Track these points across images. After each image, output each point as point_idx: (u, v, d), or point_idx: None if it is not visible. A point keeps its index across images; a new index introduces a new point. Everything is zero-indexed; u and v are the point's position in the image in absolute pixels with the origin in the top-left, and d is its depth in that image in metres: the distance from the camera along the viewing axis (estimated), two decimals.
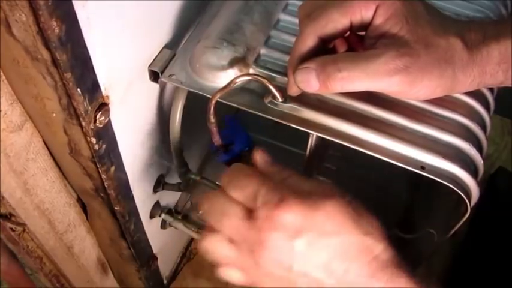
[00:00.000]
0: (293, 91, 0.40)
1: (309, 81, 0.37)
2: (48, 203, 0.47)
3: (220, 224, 0.37)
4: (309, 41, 0.38)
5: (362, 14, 0.37)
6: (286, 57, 0.45)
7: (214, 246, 0.38)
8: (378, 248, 0.35)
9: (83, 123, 0.38)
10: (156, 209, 0.63)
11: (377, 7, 0.37)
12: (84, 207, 0.55)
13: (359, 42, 0.41)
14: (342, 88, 0.37)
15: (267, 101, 0.42)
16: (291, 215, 0.34)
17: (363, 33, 0.39)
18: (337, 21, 0.37)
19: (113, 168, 0.45)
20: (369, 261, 0.35)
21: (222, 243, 0.37)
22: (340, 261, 0.35)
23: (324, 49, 0.39)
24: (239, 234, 0.36)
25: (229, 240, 0.37)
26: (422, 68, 0.36)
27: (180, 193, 0.68)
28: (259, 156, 0.40)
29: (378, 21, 0.37)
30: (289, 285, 0.36)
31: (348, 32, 0.39)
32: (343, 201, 0.35)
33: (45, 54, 0.32)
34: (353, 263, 0.35)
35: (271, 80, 0.42)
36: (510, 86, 0.39)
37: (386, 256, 0.35)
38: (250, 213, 0.36)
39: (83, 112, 0.37)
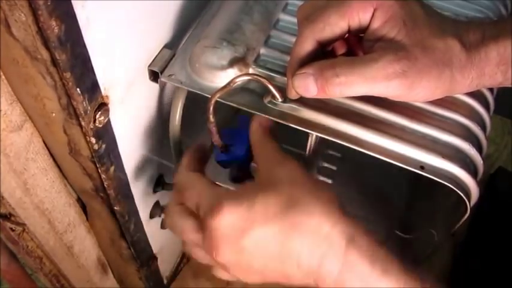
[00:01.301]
0: (292, 95, 0.40)
1: (306, 86, 0.37)
2: (48, 203, 0.47)
3: (182, 238, 0.40)
4: (307, 45, 0.38)
5: (360, 17, 0.37)
6: (286, 57, 0.45)
7: (191, 252, 0.40)
8: (325, 227, 0.35)
9: (83, 123, 0.38)
10: (156, 209, 0.63)
11: (375, 10, 0.37)
12: (84, 207, 0.55)
13: (358, 43, 0.41)
14: (340, 93, 0.37)
15: (266, 100, 0.42)
16: (229, 218, 0.35)
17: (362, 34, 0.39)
18: (335, 25, 0.37)
19: (112, 168, 0.45)
20: (319, 242, 0.35)
21: (193, 249, 0.40)
22: (291, 246, 0.35)
23: (323, 51, 0.39)
24: (198, 244, 0.38)
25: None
26: (420, 71, 0.36)
27: None
28: (256, 126, 0.41)
29: (376, 24, 0.37)
30: (263, 278, 0.37)
31: (347, 34, 0.39)
32: (289, 182, 0.36)
33: (45, 54, 0.32)
34: (303, 246, 0.35)
35: (270, 79, 0.42)
36: (509, 86, 0.39)
37: (337, 232, 0.35)
38: (201, 223, 0.37)
39: (82, 112, 0.37)
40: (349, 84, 0.36)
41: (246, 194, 0.36)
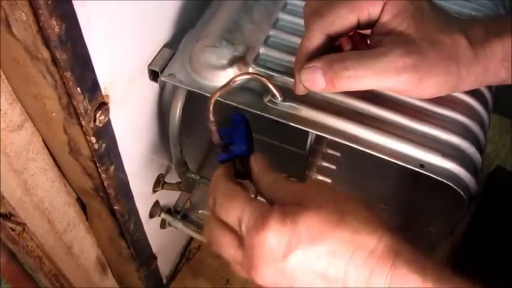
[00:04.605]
0: (300, 90, 0.40)
1: (314, 80, 0.37)
2: (47, 203, 0.47)
3: (220, 252, 0.38)
4: (316, 38, 0.38)
5: (369, 10, 0.37)
6: (286, 57, 0.45)
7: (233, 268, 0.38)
8: (371, 242, 0.33)
9: (83, 123, 0.38)
10: (156, 209, 0.63)
11: (384, 4, 0.37)
12: (83, 207, 0.55)
13: (363, 41, 0.41)
14: (349, 86, 0.37)
15: (266, 100, 0.42)
16: (274, 236, 0.33)
17: (366, 32, 0.40)
18: (344, 18, 0.37)
19: (112, 168, 0.45)
20: (366, 259, 0.33)
21: (234, 265, 0.38)
22: (337, 265, 0.33)
23: (331, 47, 0.39)
24: (236, 261, 0.36)
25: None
26: (429, 65, 0.36)
27: (179, 192, 0.68)
28: (255, 164, 0.39)
29: (385, 18, 0.37)
30: None
31: (352, 32, 0.39)
32: (328, 201, 0.34)
33: (45, 53, 0.32)
34: (350, 264, 0.33)
35: (270, 79, 0.42)
36: (510, 84, 0.39)
37: (383, 246, 0.33)
38: (242, 239, 0.35)
39: (82, 111, 0.37)
40: (359, 78, 0.36)
41: (289, 212, 0.34)
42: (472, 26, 0.38)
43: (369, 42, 0.40)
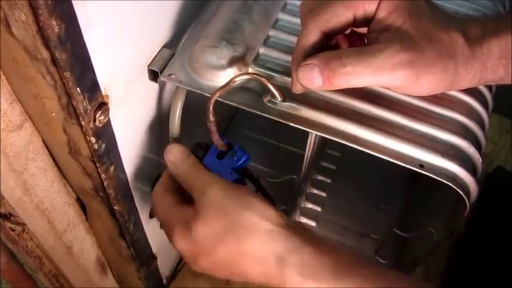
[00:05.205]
0: (297, 89, 0.40)
1: (311, 78, 0.37)
2: (47, 203, 0.47)
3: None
4: (313, 36, 0.38)
5: (365, 7, 0.37)
6: (285, 57, 0.45)
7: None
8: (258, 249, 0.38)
9: (83, 123, 0.38)
10: None
11: (380, 1, 0.37)
12: (83, 207, 0.55)
13: (360, 40, 0.41)
14: (346, 83, 0.37)
15: (266, 100, 0.42)
16: (181, 247, 0.42)
17: (363, 30, 0.40)
18: (341, 15, 0.38)
19: (112, 168, 0.45)
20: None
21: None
22: (232, 270, 0.40)
23: (327, 46, 0.39)
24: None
25: None
26: (426, 62, 0.36)
27: None
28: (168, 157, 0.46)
29: (381, 14, 0.37)
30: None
31: (349, 30, 0.39)
32: (221, 211, 0.40)
33: (45, 54, 0.32)
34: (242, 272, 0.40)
35: (270, 79, 0.42)
36: (510, 82, 0.39)
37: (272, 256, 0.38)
38: None
39: (82, 111, 0.37)
40: (356, 74, 0.36)
41: (187, 227, 0.41)
42: (469, 25, 0.38)
43: (366, 41, 0.40)
